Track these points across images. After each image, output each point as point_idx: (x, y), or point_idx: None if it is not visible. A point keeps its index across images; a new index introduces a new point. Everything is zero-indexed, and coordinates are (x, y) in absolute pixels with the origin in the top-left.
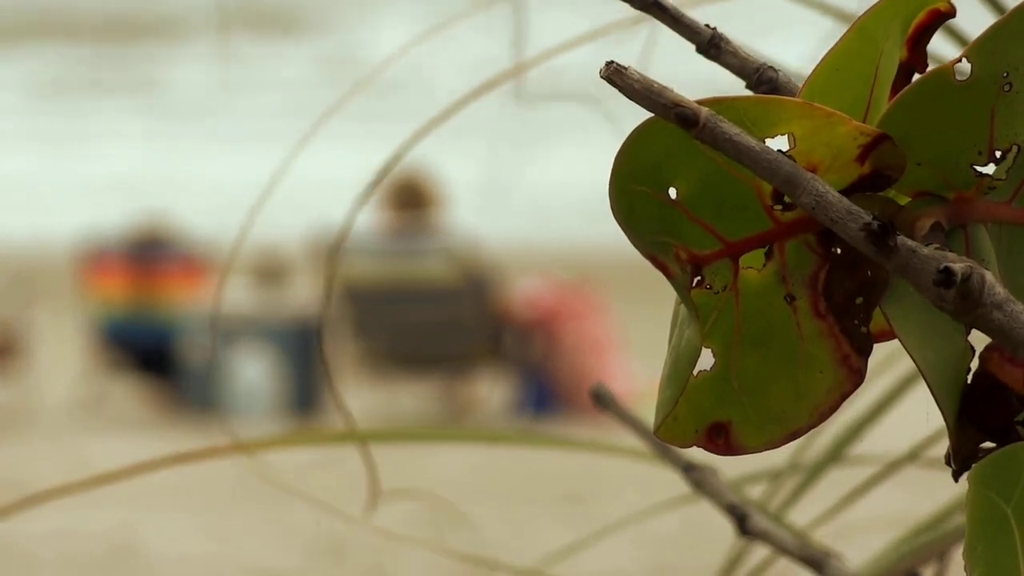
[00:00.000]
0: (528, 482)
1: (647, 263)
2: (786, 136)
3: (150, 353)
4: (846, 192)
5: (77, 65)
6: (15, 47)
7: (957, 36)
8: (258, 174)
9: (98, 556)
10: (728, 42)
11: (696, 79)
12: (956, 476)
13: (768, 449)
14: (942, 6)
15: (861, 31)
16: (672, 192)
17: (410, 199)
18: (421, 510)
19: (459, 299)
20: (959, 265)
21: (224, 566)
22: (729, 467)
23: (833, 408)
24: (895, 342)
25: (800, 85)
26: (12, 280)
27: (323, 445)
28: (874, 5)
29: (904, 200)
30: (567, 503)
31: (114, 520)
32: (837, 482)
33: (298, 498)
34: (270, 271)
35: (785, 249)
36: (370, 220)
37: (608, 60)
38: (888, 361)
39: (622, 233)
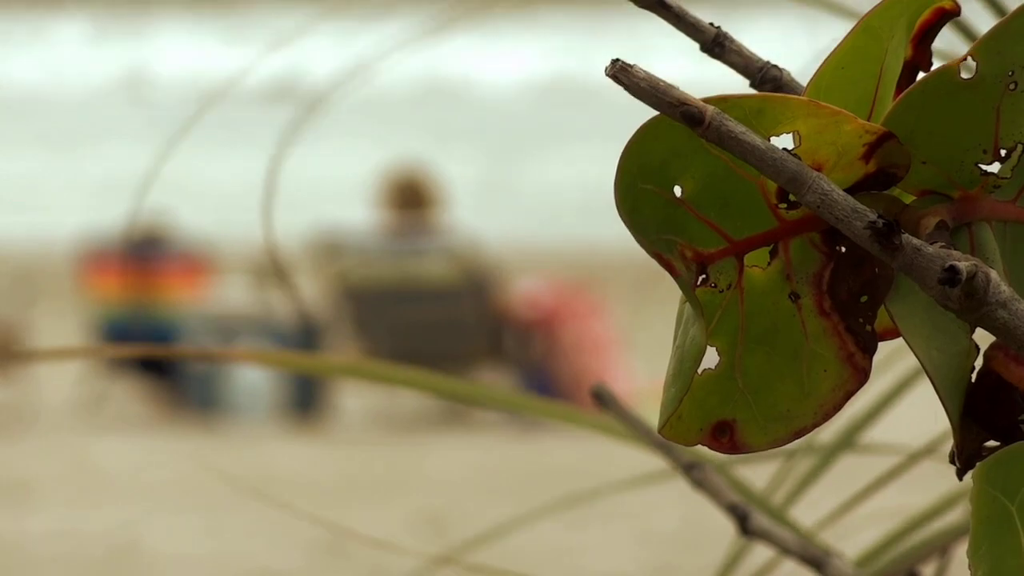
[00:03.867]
0: (527, 481)
1: (649, 262)
2: (791, 134)
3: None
4: (851, 190)
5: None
6: None
7: (966, 34)
8: (259, 174)
9: (98, 556)
10: (732, 40)
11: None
12: (960, 475)
13: (773, 448)
14: (947, 4)
15: (866, 29)
16: (677, 190)
17: (410, 199)
18: (421, 508)
19: (459, 299)
20: (964, 263)
21: (224, 566)
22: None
23: (838, 407)
24: (899, 340)
25: (805, 83)
26: (12, 280)
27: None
28: (879, 3)
29: (909, 199)
30: (567, 502)
31: (114, 520)
32: (838, 481)
33: (298, 497)
34: (273, 270)
35: (790, 247)
36: (370, 220)
37: (613, 58)
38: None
39: (624, 232)
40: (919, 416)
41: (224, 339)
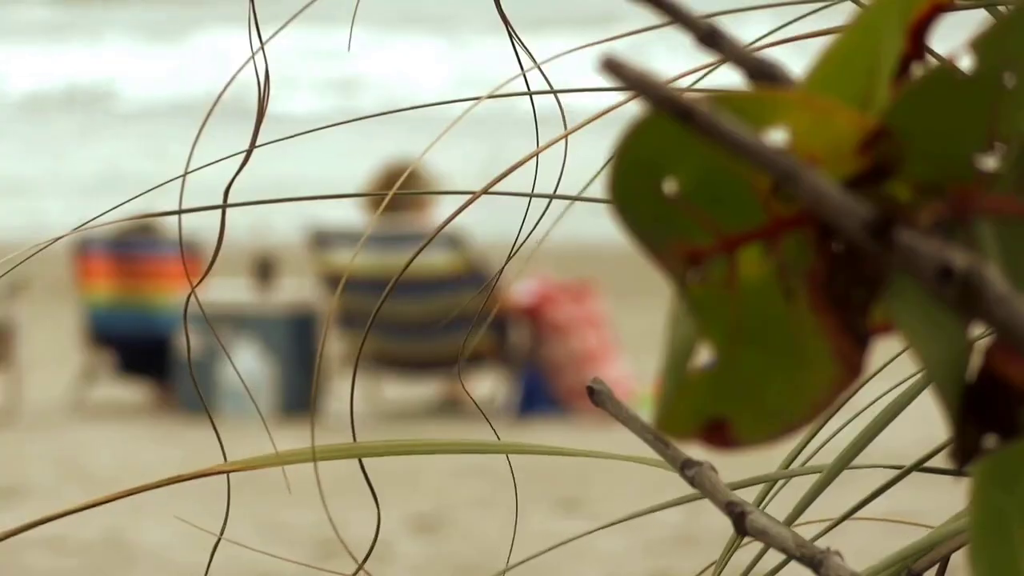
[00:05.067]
0: (526, 483)
1: (643, 258)
2: (785, 129)
3: (143, 350)
4: (845, 186)
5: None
6: None
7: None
8: (254, 172)
9: (92, 556)
10: (726, 35)
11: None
12: (958, 474)
13: (767, 444)
14: None
15: (861, 24)
16: (669, 186)
17: (402, 198)
18: (418, 505)
19: (459, 292)
20: (960, 260)
21: (224, 566)
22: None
23: (830, 403)
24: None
25: (799, 77)
26: (6, 276)
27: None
28: None
29: (905, 194)
30: (564, 504)
31: (112, 520)
32: (841, 480)
33: (296, 498)
34: (265, 267)
35: (783, 244)
36: (365, 215)
37: (604, 52)
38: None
39: (619, 228)
40: (917, 417)
41: (218, 335)
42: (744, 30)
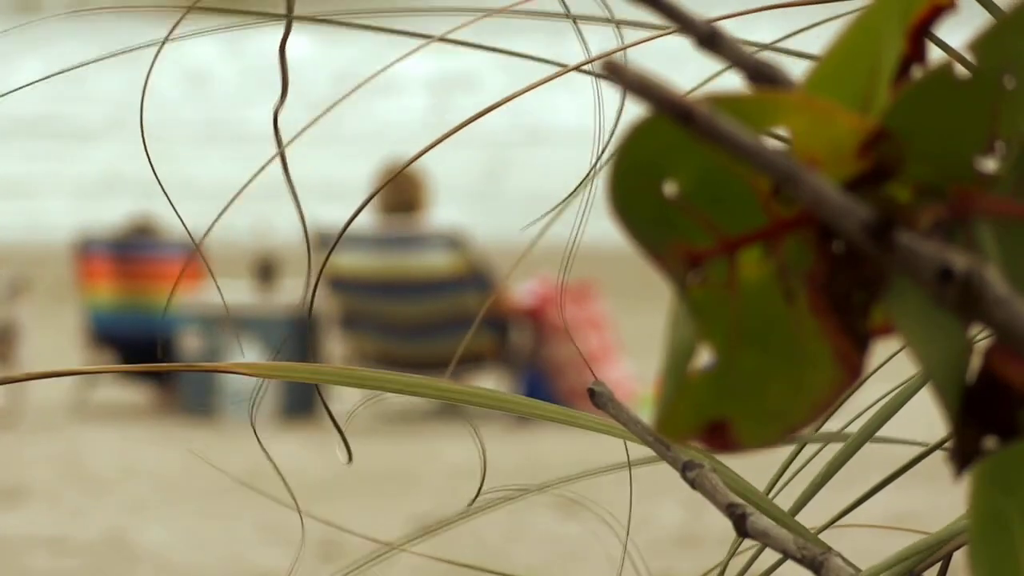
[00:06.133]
0: (526, 483)
1: (644, 261)
2: (785, 131)
3: (145, 352)
4: (846, 187)
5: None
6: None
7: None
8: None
9: (97, 556)
10: (726, 36)
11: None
12: (958, 475)
13: (767, 446)
14: (943, 1)
15: (862, 25)
16: (669, 188)
17: (401, 187)
18: (416, 503)
19: (461, 291)
20: (960, 261)
21: (224, 566)
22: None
23: (830, 404)
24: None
25: (799, 79)
26: (8, 278)
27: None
28: None
29: (905, 195)
30: (565, 505)
31: (111, 520)
32: (840, 480)
33: (294, 497)
34: (266, 268)
35: (784, 245)
36: (367, 217)
37: (603, 55)
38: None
39: (620, 230)
40: (916, 417)
41: (219, 335)
42: (744, 31)
